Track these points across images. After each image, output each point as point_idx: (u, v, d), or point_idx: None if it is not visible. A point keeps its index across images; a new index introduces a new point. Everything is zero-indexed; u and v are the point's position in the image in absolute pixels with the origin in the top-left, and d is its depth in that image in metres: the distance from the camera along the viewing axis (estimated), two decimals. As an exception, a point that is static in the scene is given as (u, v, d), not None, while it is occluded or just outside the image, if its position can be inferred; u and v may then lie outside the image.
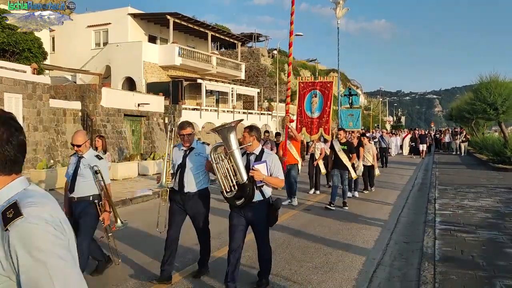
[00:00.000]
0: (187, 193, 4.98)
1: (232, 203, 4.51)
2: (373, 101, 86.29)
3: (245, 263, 5.78)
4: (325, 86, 11.83)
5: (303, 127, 11.92)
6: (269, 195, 4.65)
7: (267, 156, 4.57)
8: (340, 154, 9.92)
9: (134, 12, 28.94)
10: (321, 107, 11.70)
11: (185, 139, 5.00)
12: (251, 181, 4.38)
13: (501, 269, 5.09)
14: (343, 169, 9.93)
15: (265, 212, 4.57)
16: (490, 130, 38.40)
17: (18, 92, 15.41)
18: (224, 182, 4.44)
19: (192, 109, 27.12)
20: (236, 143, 4.43)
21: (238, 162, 4.39)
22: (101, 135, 9.09)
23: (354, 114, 21.34)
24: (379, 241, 7.02)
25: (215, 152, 4.55)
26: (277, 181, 4.57)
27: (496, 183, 13.10)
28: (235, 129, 4.51)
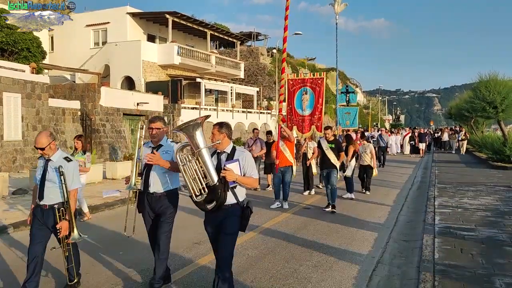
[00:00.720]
0: (153, 193, 4.69)
1: (202, 208, 4.13)
2: (372, 99, 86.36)
3: (245, 263, 5.78)
4: (315, 83, 11.47)
5: (294, 125, 11.56)
6: (244, 197, 4.24)
7: (239, 155, 4.18)
8: (327, 153, 9.54)
9: (133, 11, 28.90)
10: (312, 104, 11.35)
11: (152, 132, 4.70)
12: (223, 182, 4.01)
13: (500, 267, 5.10)
14: (331, 167, 9.47)
15: (238, 215, 4.16)
16: (490, 129, 38.40)
17: (17, 92, 15.40)
18: (193, 185, 4.07)
19: (191, 108, 27.11)
20: (203, 141, 4.06)
21: (207, 162, 4.03)
22: (80, 135, 8.60)
23: (351, 113, 20.81)
24: (379, 240, 7.02)
25: (181, 152, 4.16)
26: (251, 181, 4.19)
27: (495, 181, 13.11)
28: (201, 126, 4.14)
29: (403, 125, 60.20)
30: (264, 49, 46.30)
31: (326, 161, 9.58)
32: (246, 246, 6.54)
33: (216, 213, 4.12)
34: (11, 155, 15.06)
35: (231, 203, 4.12)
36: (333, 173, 9.44)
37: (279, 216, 8.78)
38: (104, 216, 8.97)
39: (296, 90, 11.65)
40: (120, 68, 27.80)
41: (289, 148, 9.98)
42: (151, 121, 4.76)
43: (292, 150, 10.07)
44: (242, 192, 4.22)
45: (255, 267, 5.59)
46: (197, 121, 4.09)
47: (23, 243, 6.86)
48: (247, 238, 6.99)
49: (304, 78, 11.85)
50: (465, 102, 25.77)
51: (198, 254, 6.13)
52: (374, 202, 10.49)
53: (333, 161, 9.48)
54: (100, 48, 28.92)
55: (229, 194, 4.10)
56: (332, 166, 9.46)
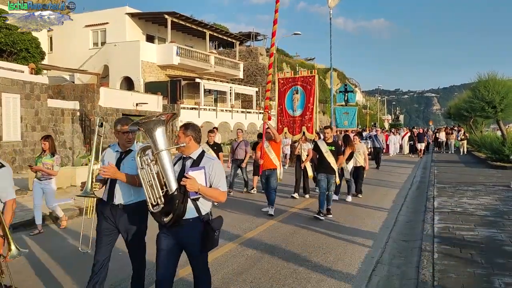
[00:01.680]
0: (118, 205, 4.05)
1: (159, 221, 3.56)
2: (371, 99, 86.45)
3: (244, 263, 5.78)
4: (307, 81, 10.79)
5: (284, 126, 10.91)
6: (208, 211, 3.70)
7: (206, 162, 3.65)
8: (327, 156, 8.75)
9: (132, 12, 28.89)
10: (303, 104, 10.70)
11: (129, 137, 4.13)
12: (182, 192, 3.46)
13: (499, 267, 5.10)
14: (330, 173, 8.75)
15: (198, 233, 3.60)
16: (489, 128, 38.43)
17: (16, 92, 15.38)
18: (149, 192, 3.54)
19: (190, 109, 27.12)
20: (165, 142, 3.51)
21: (166, 166, 3.47)
22: (48, 136, 7.72)
23: (349, 113, 20.01)
24: (378, 240, 7.02)
25: (143, 154, 3.63)
26: (217, 193, 3.63)
27: (494, 181, 13.12)
28: (165, 124, 3.57)
29: (402, 125, 60.13)
30: (263, 49, 46.30)
31: (325, 165, 8.81)
32: (244, 245, 6.55)
33: (174, 228, 3.57)
34: (10, 156, 15.05)
35: (191, 217, 3.57)
36: (332, 179, 8.80)
37: (278, 217, 8.77)
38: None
39: (287, 90, 11.08)
40: (119, 69, 27.79)
41: (275, 149, 9.24)
42: (123, 124, 4.12)
43: (277, 152, 9.36)
44: (206, 205, 3.68)
45: (254, 267, 5.59)
46: (161, 118, 3.53)
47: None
48: (244, 238, 7.00)
49: (295, 76, 11.20)
50: (464, 102, 25.76)
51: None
52: (373, 202, 10.48)
53: (333, 165, 8.77)
54: (99, 49, 28.91)
55: (190, 207, 3.55)
56: (331, 171, 8.76)
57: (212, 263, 5.72)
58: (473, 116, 27.01)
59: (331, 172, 8.77)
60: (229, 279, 5.13)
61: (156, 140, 3.48)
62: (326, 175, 8.75)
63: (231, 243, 6.69)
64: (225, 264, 5.68)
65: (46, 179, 7.51)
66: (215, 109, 29.70)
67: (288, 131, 10.91)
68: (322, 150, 8.82)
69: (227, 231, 7.46)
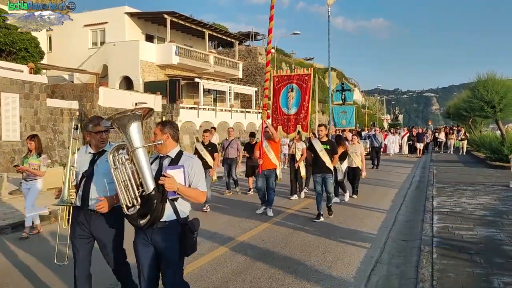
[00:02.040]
0: (92, 211, 3.77)
1: (135, 224, 3.34)
2: (370, 99, 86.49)
3: (244, 263, 5.78)
4: (302, 79, 10.56)
5: (279, 125, 10.65)
6: (186, 214, 3.50)
7: (185, 160, 3.46)
8: (321, 155, 8.45)
9: (131, 11, 28.86)
10: (298, 103, 10.45)
11: (102, 137, 3.87)
12: (160, 191, 3.27)
13: (498, 267, 5.11)
14: (326, 172, 8.47)
15: (178, 236, 3.39)
16: (488, 128, 38.46)
17: (15, 92, 15.37)
18: (124, 194, 3.32)
19: (189, 108, 27.10)
20: (141, 139, 3.29)
21: (143, 165, 3.26)
22: (34, 135, 7.39)
23: (347, 111, 19.67)
24: (377, 239, 7.03)
25: (115, 152, 3.39)
26: (196, 193, 3.44)
27: (493, 180, 13.13)
28: (140, 119, 3.34)
29: (401, 125, 60.15)
30: (262, 49, 46.26)
31: (319, 165, 8.50)
32: (243, 245, 6.55)
33: (151, 231, 3.37)
34: (9, 156, 15.04)
35: (169, 219, 3.37)
36: (329, 179, 8.48)
37: (276, 217, 8.77)
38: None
39: (281, 88, 10.86)
40: (118, 68, 27.76)
41: (274, 149, 9.06)
42: (95, 123, 3.86)
43: (276, 152, 9.18)
44: (185, 206, 3.48)
45: (253, 267, 5.59)
46: (136, 113, 3.30)
47: (20, 243, 6.86)
48: (246, 237, 7.00)
49: (290, 74, 10.99)
50: (463, 102, 25.77)
51: (196, 254, 6.12)
52: (372, 202, 10.49)
53: (328, 165, 8.48)
54: (98, 48, 28.87)
55: (168, 208, 3.35)
56: (327, 171, 8.46)
57: (211, 262, 5.73)
58: (472, 116, 27.03)
59: (327, 171, 8.47)
60: (228, 279, 5.14)
61: (131, 137, 3.26)
62: (322, 174, 8.46)
63: (230, 243, 6.69)
64: (224, 264, 5.69)
65: (32, 180, 7.18)
66: (214, 108, 29.69)
67: (283, 130, 10.70)
68: (316, 150, 8.53)
69: (226, 231, 7.47)
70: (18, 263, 5.82)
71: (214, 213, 9.11)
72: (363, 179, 11.90)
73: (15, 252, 6.38)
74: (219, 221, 8.32)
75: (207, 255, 6.02)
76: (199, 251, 6.21)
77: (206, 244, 6.59)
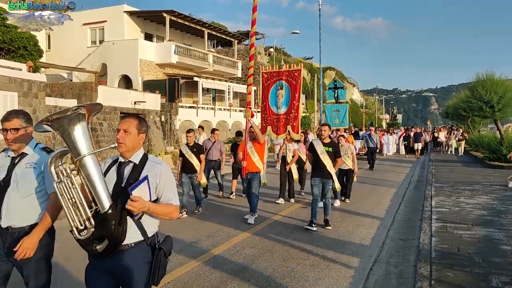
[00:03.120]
0: (7, 228, 3.11)
1: (89, 250, 2.68)
2: (369, 99, 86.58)
3: (242, 262, 5.78)
4: (292, 76, 9.77)
5: (268, 125, 9.87)
6: (154, 232, 2.86)
7: (151, 168, 2.81)
8: (323, 158, 7.68)
9: (130, 10, 28.83)
10: (288, 101, 9.71)
11: (7, 136, 3.12)
12: (119, 209, 2.62)
13: (497, 266, 5.12)
14: (326, 177, 7.69)
15: (145, 261, 2.75)
16: (486, 128, 38.50)
17: (14, 90, 15.34)
18: (73, 214, 2.62)
19: (188, 107, 27.09)
20: (88, 145, 2.65)
21: (93, 176, 2.62)
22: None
23: (340, 110, 18.70)
24: (376, 239, 7.03)
25: (57, 162, 2.71)
26: (169, 210, 2.83)
27: (492, 180, 13.16)
28: (84, 118, 2.68)
29: (400, 125, 60.11)
30: (261, 48, 46.28)
31: (320, 169, 7.71)
32: (242, 244, 6.55)
33: (110, 258, 2.69)
34: (7, 154, 15.01)
35: (134, 241, 2.72)
36: (328, 185, 7.72)
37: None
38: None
39: (270, 85, 10.07)
40: (117, 67, 27.73)
41: (258, 151, 8.42)
42: (4, 119, 3.18)
43: (261, 154, 8.47)
44: (153, 224, 2.84)
45: (252, 266, 5.59)
46: (79, 111, 2.63)
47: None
48: (245, 237, 7.00)
49: (280, 70, 10.16)
50: (462, 102, 25.75)
51: (195, 253, 6.13)
52: (371, 201, 10.50)
53: (329, 169, 7.71)
54: (97, 47, 28.84)
55: (132, 227, 2.69)
56: (328, 176, 7.72)
57: (210, 262, 5.73)
58: (471, 116, 27.03)
59: (327, 176, 7.69)
60: (227, 278, 5.14)
61: (76, 142, 2.62)
62: (322, 179, 7.67)
63: (229, 242, 6.69)
64: (223, 263, 5.69)
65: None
66: (213, 107, 29.68)
67: (272, 130, 9.91)
68: (317, 151, 7.75)
69: (226, 230, 7.47)
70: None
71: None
72: (361, 178, 11.87)
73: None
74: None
75: (205, 255, 6.02)
76: (197, 251, 6.22)
77: (206, 242, 6.59)
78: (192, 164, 8.81)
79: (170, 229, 6.42)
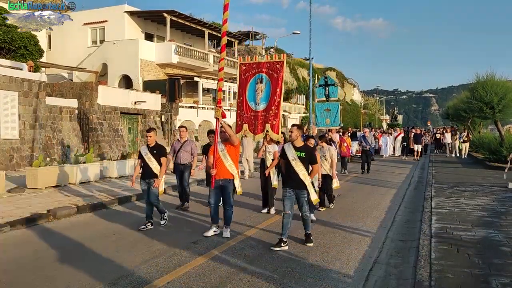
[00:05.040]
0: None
1: None
2: (369, 99, 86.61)
3: (242, 262, 5.78)
4: (273, 68, 8.71)
5: (244, 123, 8.85)
6: None
7: None
8: (295, 165, 6.52)
9: (130, 10, 28.86)
10: (268, 97, 8.65)
11: None
12: None
13: (497, 267, 5.12)
14: (300, 188, 6.53)
15: None
16: (487, 129, 38.49)
17: (14, 90, 15.35)
18: None
19: (188, 107, 27.12)
20: None
21: None
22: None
23: (331, 109, 17.44)
24: (376, 239, 7.03)
25: None
26: None
27: (492, 181, 13.15)
28: None
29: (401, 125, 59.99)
30: (262, 48, 46.31)
31: (292, 177, 6.56)
32: (242, 245, 6.54)
33: None
34: (8, 154, 15.01)
35: None
36: (303, 196, 6.58)
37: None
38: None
39: (249, 78, 9.01)
40: (118, 67, 27.75)
41: (231, 154, 7.19)
42: None
43: (235, 158, 7.26)
44: None
45: (252, 266, 5.59)
46: None
47: (19, 242, 6.85)
48: (244, 237, 7.00)
49: (260, 62, 9.08)
50: (463, 103, 25.74)
51: (195, 253, 6.13)
52: (371, 202, 10.49)
53: (303, 177, 6.52)
54: (97, 47, 28.86)
55: None
56: (301, 186, 6.54)
57: (209, 261, 5.73)
58: (471, 117, 26.99)
59: (300, 187, 6.54)
60: (227, 278, 5.13)
61: None
62: (295, 190, 6.56)
63: (228, 243, 6.68)
64: (222, 263, 5.68)
65: None
66: (213, 108, 29.70)
67: (249, 129, 8.88)
68: (288, 157, 6.59)
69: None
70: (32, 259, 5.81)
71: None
72: (361, 179, 11.81)
73: (13, 249, 6.38)
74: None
75: (204, 255, 6.01)
76: (197, 250, 6.21)
77: (206, 243, 6.59)
78: (151, 168, 7.66)
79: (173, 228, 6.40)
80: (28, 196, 10.23)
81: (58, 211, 8.52)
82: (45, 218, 8.21)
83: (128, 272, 5.35)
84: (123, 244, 6.62)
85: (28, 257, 5.98)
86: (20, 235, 7.27)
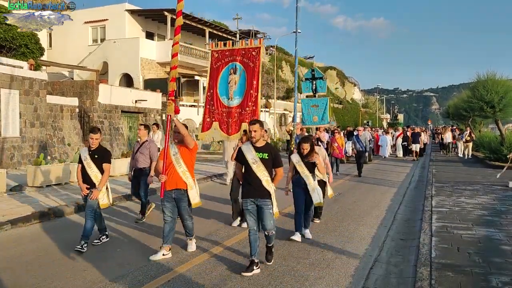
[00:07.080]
0: None
1: None
2: (370, 98, 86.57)
3: (242, 261, 5.78)
4: (248, 56, 7.40)
5: (214, 121, 7.60)
6: None
7: None
8: (256, 169, 5.38)
9: (131, 8, 28.86)
10: (243, 90, 7.39)
11: None
12: None
13: (497, 266, 5.13)
14: (262, 196, 5.37)
15: None
16: (487, 128, 38.47)
17: (15, 88, 15.36)
18: None
19: (189, 106, 27.14)
20: None
21: None
22: None
23: (319, 105, 15.50)
24: (376, 238, 7.04)
25: None
26: None
27: (492, 180, 13.15)
28: None
29: (401, 124, 59.94)
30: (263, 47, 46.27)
31: (253, 184, 5.39)
32: (242, 243, 6.55)
33: None
34: (8, 152, 15.03)
35: None
36: (267, 207, 5.37)
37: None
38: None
39: (221, 67, 7.79)
40: (119, 65, 27.76)
41: (186, 159, 5.89)
42: None
43: (190, 164, 5.95)
44: None
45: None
46: None
47: (19, 241, 6.86)
48: (244, 237, 7.01)
49: (233, 48, 7.88)
50: (463, 102, 25.74)
51: (196, 251, 6.13)
52: (371, 201, 10.50)
53: (266, 184, 5.37)
54: (98, 45, 28.88)
55: None
56: (264, 194, 5.38)
57: (209, 260, 5.73)
58: (472, 116, 26.97)
59: (263, 195, 5.38)
60: (227, 276, 5.14)
61: None
62: (256, 200, 5.39)
63: (229, 241, 6.69)
64: (222, 262, 5.69)
65: None
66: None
67: (220, 127, 7.63)
68: (248, 160, 5.44)
69: (223, 228, 7.47)
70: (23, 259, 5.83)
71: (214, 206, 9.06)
72: (362, 178, 11.76)
73: (14, 247, 6.39)
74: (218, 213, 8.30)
75: (204, 254, 6.02)
76: (197, 250, 6.22)
77: (205, 242, 6.59)
78: (89, 176, 6.30)
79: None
80: (29, 195, 10.25)
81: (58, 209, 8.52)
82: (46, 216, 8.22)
83: (127, 272, 5.36)
84: (120, 243, 6.63)
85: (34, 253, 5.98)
86: (23, 232, 7.28)
